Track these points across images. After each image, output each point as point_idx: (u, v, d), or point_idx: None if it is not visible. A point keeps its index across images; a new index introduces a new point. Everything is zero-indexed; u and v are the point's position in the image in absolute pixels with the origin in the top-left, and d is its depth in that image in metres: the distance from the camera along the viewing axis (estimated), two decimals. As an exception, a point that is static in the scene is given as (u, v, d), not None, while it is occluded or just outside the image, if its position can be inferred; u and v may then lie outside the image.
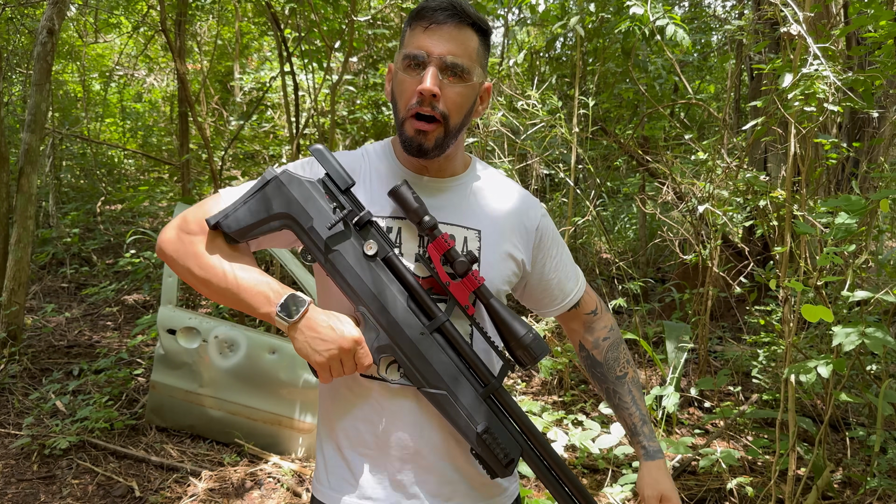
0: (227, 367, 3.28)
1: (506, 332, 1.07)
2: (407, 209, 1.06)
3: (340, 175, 1.06)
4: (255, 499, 2.98)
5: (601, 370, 1.33)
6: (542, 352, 1.06)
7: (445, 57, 1.05)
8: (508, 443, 1.06)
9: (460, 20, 1.06)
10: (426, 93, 1.04)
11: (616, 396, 1.32)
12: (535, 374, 4.46)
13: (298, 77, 5.97)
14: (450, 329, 1.06)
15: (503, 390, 1.08)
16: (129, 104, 11.34)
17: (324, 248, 1.04)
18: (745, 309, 5.13)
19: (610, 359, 1.33)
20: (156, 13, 7.31)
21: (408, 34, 1.09)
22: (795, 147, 2.40)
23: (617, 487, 2.76)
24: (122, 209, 8.48)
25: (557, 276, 1.26)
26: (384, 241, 1.06)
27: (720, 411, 3.30)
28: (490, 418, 1.05)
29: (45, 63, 4.49)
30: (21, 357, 4.41)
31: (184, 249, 1.05)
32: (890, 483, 2.58)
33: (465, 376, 1.06)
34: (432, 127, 1.07)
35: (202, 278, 1.04)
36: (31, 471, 3.15)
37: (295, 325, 1.00)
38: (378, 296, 1.04)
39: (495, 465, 1.05)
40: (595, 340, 1.33)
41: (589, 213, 4.75)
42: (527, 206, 1.23)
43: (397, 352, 1.05)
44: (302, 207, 1.04)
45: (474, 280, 1.06)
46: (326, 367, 1.00)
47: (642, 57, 5.17)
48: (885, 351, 2.76)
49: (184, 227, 1.06)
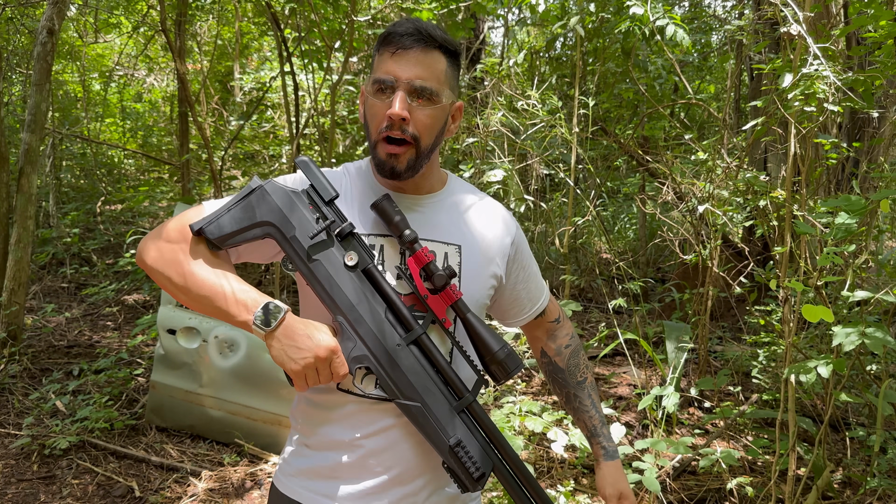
0: (227, 367, 3.28)
1: (481, 347, 1.08)
2: (388, 222, 1.08)
3: (325, 187, 1.08)
4: (255, 499, 2.98)
5: (563, 376, 1.37)
6: (515, 367, 1.07)
7: (413, 81, 1.07)
8: (480, 457, 1.06)
9: (426, 44, 1.08)
10: (395, 117, 1.06)
11: (576, 400, 1.36)
12: (535, 374, 4.46)
13: (298, 77, 5.97)
14: (426, 342, 1.07)
15: (477, 405, 1.09)
16: (129, 104, 11.34)
17: (305, 257, 1.05)
18: (745, 309, 5.13)
19: (571, 365, 1.37)
20: (156, 13, 7.31)
21: (377, 59, 1.12)
22: (795, 147, 2.40)
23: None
24: (122, 209, 8.49)
25: (527, 286, 1.30)
26: (365, 252, 1.07)
27: (720, 411, 3.30)
28: (462, 432, 1.06)
29: (45, 63, 4.49)
30: (21, 357, 4.41)
31: (163, 258, 1.05)
32: (890, 483, 2.58)
33: (439, 389, 1.06)
34: (403, 149, 1.09)
35: (181, 286, 1.04)
36: (31, 471, 3.15)
37: (272, 334, 1.01)
38: (356, 306, 1.05)
39: (466, 478, 1.05)
40: (557, 348, 1.37)
41: (589, 213, 4.75)
42: (504, 221, 1.26)
43: (373, 362, 1.05)
44: (285, 216, 1.05)
45: (451, 294, 1.08)
46: (302, 376, 1.01)
47: (642, 57, 5.17)
48: (885, 351, 2.76)
49: (164, 236, 1.07)
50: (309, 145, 7.01)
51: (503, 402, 3.31)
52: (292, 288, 6.29)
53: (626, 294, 5.61)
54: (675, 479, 3.02)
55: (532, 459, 3.18)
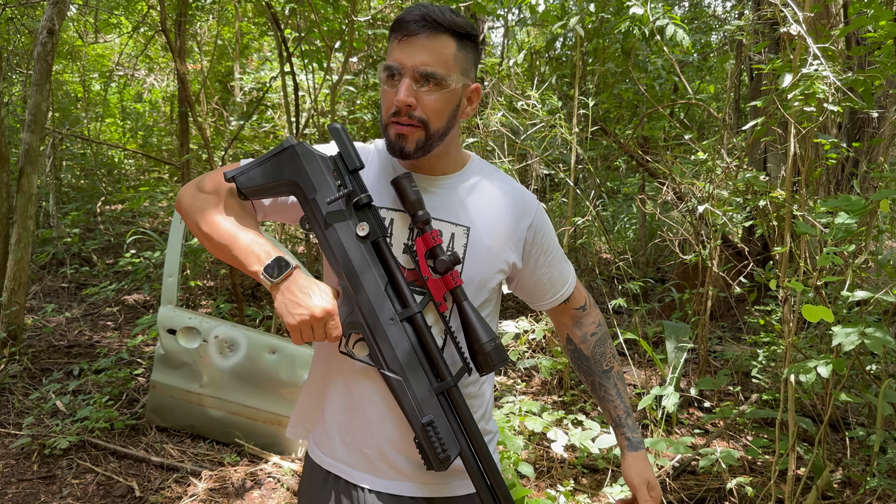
0: (228, 367, 3.28)
1: (471, 336, 1.12)
2: (405, 200, 1.11)
3: (350, 156, 1.12)
4: (256, 499, 2.98)
5: (588, 364, 1.39)
6: (499, 361, 1.11)
7: (419, 68, 1.10)
8: (448, 440, 1.09)
9: (432, 30, 1.10)
10: (400, 104, 1.10)
11: (602, 389, 1.38)
12: (535, 374, 4.46)
13: (298, 77, 5.97)
14: (419, 322, 1.11)
15: (457, 390, 1.12)
16: (129, 104, 11.34)
17: (321, 220, 1.10)
18: (744, 309, 5.13)
19: (597, 353, 1.38)
20: (156, 13, 7.31)
21: (389, 46, 1.16)
22: (795, 147, 2.40)
23: (617, 487, 2.76)
24: (123, 209, 8.49)
25: (549, 272, 1.31)
26: (378, 225, 1.11)
27: (720, 411, 3.30)
28: (437, 413, 1.09)
29: (45, 63, 4.49)
30: (21, 357, 4.41)
31: (195, 205, 1.14)
32: (890, 483, 2.58)
33: (423, 368, 1.10)
34: (410, 130, 1.12)
35: (206, 232, 1.11)
36: (31, 471, 3.15)
37: (277, 286, 1.06)
38: (359, 275, 1.09)
39: (433, 457, 1.09)
40: (583, 335, 1.38)
41: (589, 213, 4.75)
42: (522, 204, 1.26)
43: (365, 331, 1.10)
44: (309, 178, 1.10)
45: (451, 280, 1.11)
46: (297, 330, 1.05)
47: (642, 57, 5.17)
48: (885, 351, 2.76)
49: (200, 185, 1.16)
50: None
51: (503, 402, 3.32)
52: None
53: (625, 294, 5.62)
54: (674, 478, 3.02)
55: (532, 459, 3.18)
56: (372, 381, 1.16)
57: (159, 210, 8.15)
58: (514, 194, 1.27)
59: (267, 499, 2.98)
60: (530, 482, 2.97)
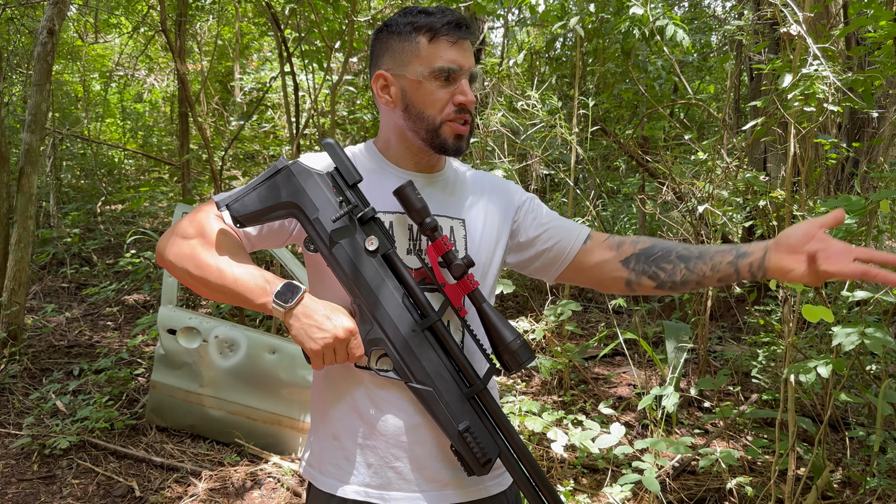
0: (228, 367, 3.28)
1: (495, 337, 1.10)
2: (410, 209, 1.10)
3: (349, 170, 1.10)
4: (256, 499, 2.98)
5: (658, 247, 1.21)
6: (528, 358, 1.08)
7: (473, 69, 1.17)
8: (487, 443, 1.08)
9: (471, 34, 1.19)
10: (470, 104, 1.15)
11: (692, 249, 1.18)
12: (535, 374, 4.46)
13: (298, 77, 5.98)
14: (440, 328, 1.09)
15: (487, 392, 1.10)
16: (129, 104, 11.34)
17: (327, 239, 1.07)
18: (744, 309, 5.13)
19: (654, 239, 1.25)
20: (156, 13, 7.31)
21: (426, 46, 1.15)
22: (795, 147, 2.40)
23: (617, 487, 2.76)
24: (123, 209, 8.49)
25: (559, 223, 1.27)
26: (385, 237, 1.10)
27: (720, 411, 3.30)
28: (471, 418, 1.08)
29: (45, 63, 4.49)
30: (21, 357, 4.41)
31: (182, 252, 1.08)
32: (890, 483, 2.58)
33: (451, 375, 1.09)
34: (467, 129, 1.17)
35: (199, 278, 1.06)
36: (31, 471, 3.15)
37: (291, 312, 1.03)
38: (375, 290, 1.07)
39: (473, 463, 1.08)
40: (632, 241, 1.24)
41: (589, 213, 4.75)
42: (503, 186, 1.31)
43: (388, 346, 1.08)
44: (309, 198, 1.08)
45: (468, 284, 1.10)
46: (320, 355, 1.03)
47: (642, 57, 5.17)
48: (885, 351, 2.76)
49: (181, 232, 1.10)
50: (309, 145, 7.01)
51: (503, 402, 3.31)
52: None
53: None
54: (674, 478, 3.02)
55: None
56: (395, 393, 1.13)
57: (159, 210, 8.16)
58: (494, 182, 1.31)
59: (267, 499, 2.98)
60: (530, 482, 2.97)
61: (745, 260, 1.12)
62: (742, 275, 1.13)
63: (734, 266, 1.13)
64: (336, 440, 1.18)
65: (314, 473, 1.21)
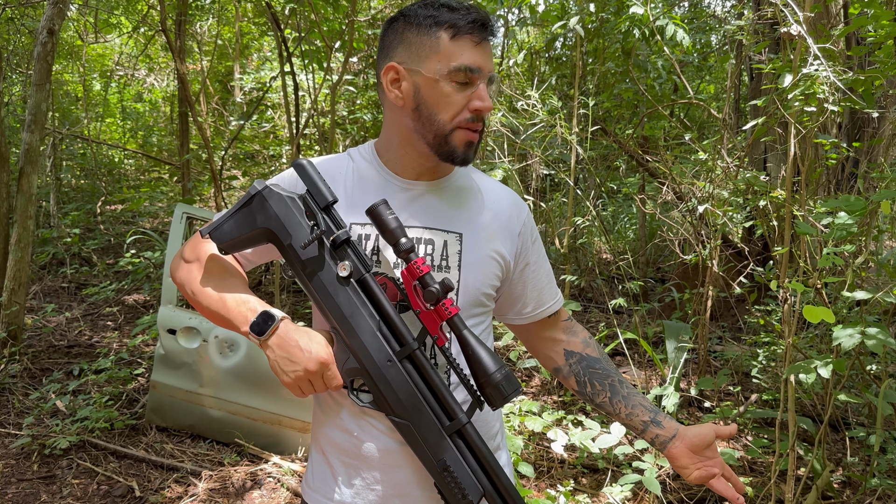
0: (228, 367, 3.28)
1: (476, 368, 1.00)
2: (384, 230, 1.02)
3: (321, 192, 1.04)
4: (256, 499, 2.98)
5: (601, 365, 1.25)
6: (513, 391, 0.99)
7: (492, 73, 1.10)
8: (469, 484, 1.01)
9: (495, 36, 1.10)
10: (487, 111, 1.07)
11: (624, 387, 1.24)
12: (535, 374, 4.46)
13: (298, 77, 5.98)
14: (420, 358, 1.03)
15: (471, 427, 1.03)
16: (129, 104, 11.35)
17: (300, 265, 1.04)
18: (745, 309, 5.13)
19: (602, 353, 1.28)
20: (156, 13, 7.31)
21: (448, 43, 1.06)
22: (795, 147, 2.40)
23: (617, 487, 2.76)
24: (123, 209, 8.50)
25: (539, 274, 1.24)
26: (359, 262, 1.04)
27: (720, 411, 3.30)
28: (451, 456, 1.02)
29: (45, 63, 4.49)
30: (21, 357, 4.41)
31: (184, 277, 1.12)
32: (890, 483, 2.58)
33: (430, 409, 1.03)
34: (477, 136, 1.10)
35: (196, 301, 1.10)
36: (31, 471, 3.15)
37: (266, 343, 1.02)
38: (348, 318, 1.02)
39: (454, 502, 1.02)
40: (584, 340, 1.28)
41: (589, 213, 4.75)
42: (513, 206, 1.22)
43: (365, 376, 1.03)
44: (281, 223, 1.04)
45: (444, 311, 1.00)
46: (295, 387, 1.01)
47: (642, 57, 5.17)
48: (885, 351, 2.76)
49: (183, 255, 1.15)
50: (309, 145, 7.01)
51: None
52: (292, 288, 6.29)
53: (625, 294, 5.62)
54: (675, 479, 3.02)
55: (532, 459, 3.18)
56: (376, 419, 1.10)
57: (159, 210, 8.16)
58: (504, 196, 1.22)
59: (267, 499, 2.98)
60: (530, 482, 2.97)
61: (654, 429, 1.20)
62: (645, 436, 1.22)
63: (644, 427, 1.21)
64: (323, 456, 1.16)
65: (304, 486, 1.21)
